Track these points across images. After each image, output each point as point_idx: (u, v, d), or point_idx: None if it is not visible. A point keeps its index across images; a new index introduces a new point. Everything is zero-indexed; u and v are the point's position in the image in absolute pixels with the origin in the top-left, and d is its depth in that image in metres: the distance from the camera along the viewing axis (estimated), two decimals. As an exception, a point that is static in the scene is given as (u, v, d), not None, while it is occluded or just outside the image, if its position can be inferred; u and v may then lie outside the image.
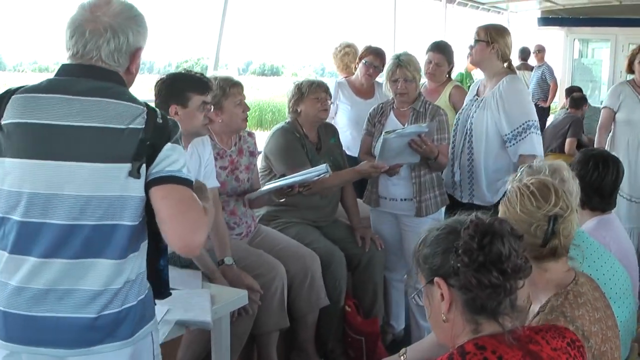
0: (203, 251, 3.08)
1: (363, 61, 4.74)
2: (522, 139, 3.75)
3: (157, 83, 3.08)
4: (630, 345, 2.47)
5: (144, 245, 1.89)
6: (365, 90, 4.79)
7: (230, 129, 3.46)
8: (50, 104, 1.79)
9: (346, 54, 5.10)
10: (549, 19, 11.95)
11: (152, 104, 1.95)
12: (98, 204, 1.76)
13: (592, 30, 12.08)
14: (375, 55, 4.73)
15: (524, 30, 12.63)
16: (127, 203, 1.78)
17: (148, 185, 1.79)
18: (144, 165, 1.77)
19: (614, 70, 11.88)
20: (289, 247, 3.58)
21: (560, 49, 12.48)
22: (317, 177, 3.41)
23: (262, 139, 4.05)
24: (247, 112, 3.47)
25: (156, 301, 2.03)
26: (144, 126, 1.78)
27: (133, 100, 1.84)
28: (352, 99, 4.77)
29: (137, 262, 1.86)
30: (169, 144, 1.81)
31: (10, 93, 1.83)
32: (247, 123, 3.57)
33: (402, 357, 2.13)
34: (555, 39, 12.62)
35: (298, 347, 3.66)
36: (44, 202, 1.76)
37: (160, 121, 1.82)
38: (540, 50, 10.65)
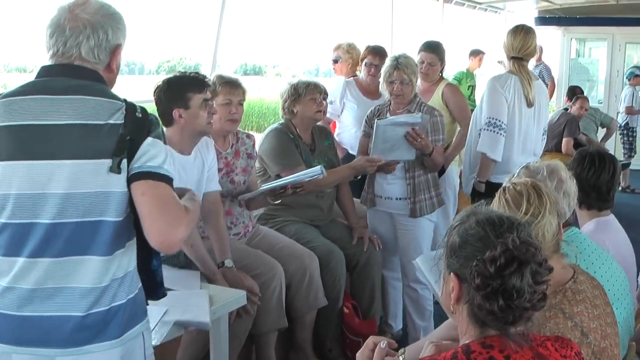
0: (205, 253, 3.09)
1: (364, 62, 4.76)
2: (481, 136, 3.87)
3: (154, 91, 3.08)
4: (628, 344, 2.48)
5: (131, 244, 1.89)
6: (372, 91, 4.77)
7: (215, 128, 3.32)
8: (29, 105, 1.80)
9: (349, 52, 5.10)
10: (546, 19, 11.95)
11: (144, 105, 1.94)
12: (81, 200, 1.76)
13: (589, 29, 12.08)
14: (374, 54, 4.73)
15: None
16: (110, 199, 1.78)
17: (129, 181, 1.79)
18: (124, 161, 1.78)
19: (610, 69, 11.89)
20: (287, 247, 3.58)
21: (557, 49, 12.48)
22: (310, 179, 3.41)
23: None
24: (236, 113, 3.41)
25: (153, 302, 2.02)
26: (123, 121, 1.79)
27: (112, 96, 1.85)
28: (360, 98, 4.76)
29: (125, 260, 1.86)
30: (149, 139, 1.81)
31: None
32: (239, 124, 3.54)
33: (401, 357, 2.12)
34: (553, 38, 12.63)
35: (296, 347, 3.66)
36: (30, 203, 1.77)
37: (140, 115, 1.83)
38: (538, 50, 10.65)
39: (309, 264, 3.52)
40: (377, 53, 4.73)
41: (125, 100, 1.85)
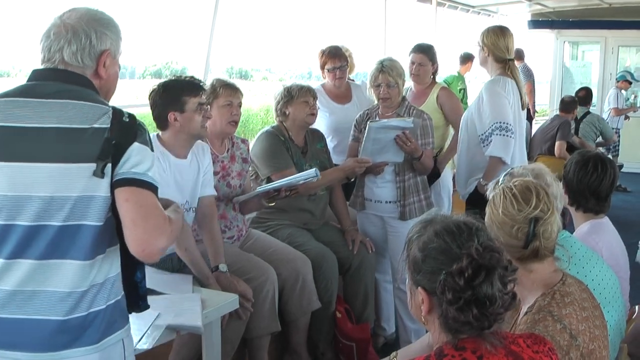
0: (199, 256, 3.08)
1: (325, 69, 4.61)
2: (490, 141, 3.84)
3: (150, 95, 3.11)
4: (619, 346, 2.48)
5: (113, 250, 1.87)
6: (342, 95, 4.69)
7: (215, 130, 3.43)
8: (14, 107, 1.80)
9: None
10: (539, 22, 12.00)
11: (135, 110, 1.93)
12: (62, 204, 1.75)
13: (581, 32, 12.13)
14: (332, 58, 4.57)
15: (514, 33, 12.66)
16: (91, 203, 1.77)
17: (113, 186, 1.78)
18: (109, 165, 1.76)
19: (604, 72, 11.95)
20: (280, 251, 3.58)
21: (550, 52, 12.54)
22: (304, 181, 3.42)
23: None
24: (236, 115, 3.46)
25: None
26: (109, 125, 1.78)
27: (98, 101, 1.84)
28: (330, 105, 4.65)
29: (105, 266, 1.84)
30: (135, 144, 1.80)
31: None
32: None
33: (392, 361, 2.13)
34: (546, 41, 12.68)
35: (290, 351, 3.66)
36: (11, 204, 1.76)
37: (127, 120, 1.82)
38: (518, 52, 10.67)
39: (302, 268, 3.52)
40: (335, 55, 4.57)
41: (112, 106, 1.84)
